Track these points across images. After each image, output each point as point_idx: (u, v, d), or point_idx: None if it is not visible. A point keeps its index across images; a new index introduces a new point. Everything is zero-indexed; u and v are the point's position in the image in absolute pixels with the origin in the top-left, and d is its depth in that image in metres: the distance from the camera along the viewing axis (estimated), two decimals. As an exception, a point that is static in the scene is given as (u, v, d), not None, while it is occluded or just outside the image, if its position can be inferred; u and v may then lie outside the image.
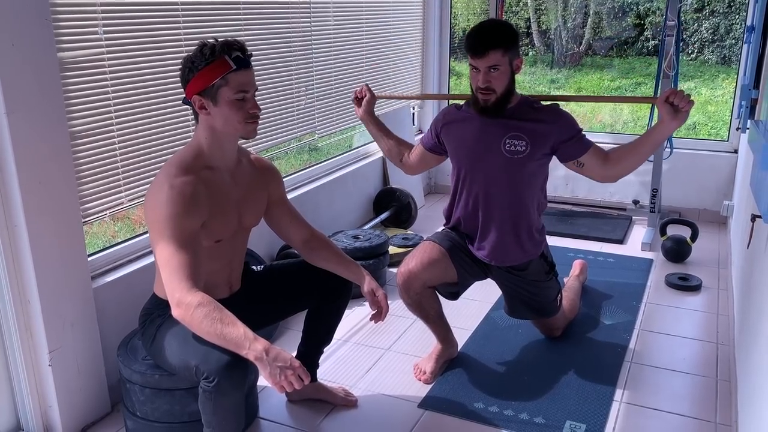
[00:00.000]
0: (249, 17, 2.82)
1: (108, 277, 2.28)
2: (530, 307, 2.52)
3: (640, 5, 11.56)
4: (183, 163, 1.78)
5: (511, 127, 2.21)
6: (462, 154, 2.34)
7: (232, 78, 1.73)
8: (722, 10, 10.50)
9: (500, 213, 2.31)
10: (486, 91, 2.15)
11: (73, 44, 2.06)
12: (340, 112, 3.65)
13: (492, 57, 2.10)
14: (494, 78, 2.13)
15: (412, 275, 2.33)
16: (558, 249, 3.67)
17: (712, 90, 9.28)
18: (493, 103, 2.18)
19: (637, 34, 11.81)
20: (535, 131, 2.20)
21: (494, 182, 2.28)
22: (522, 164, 2.23)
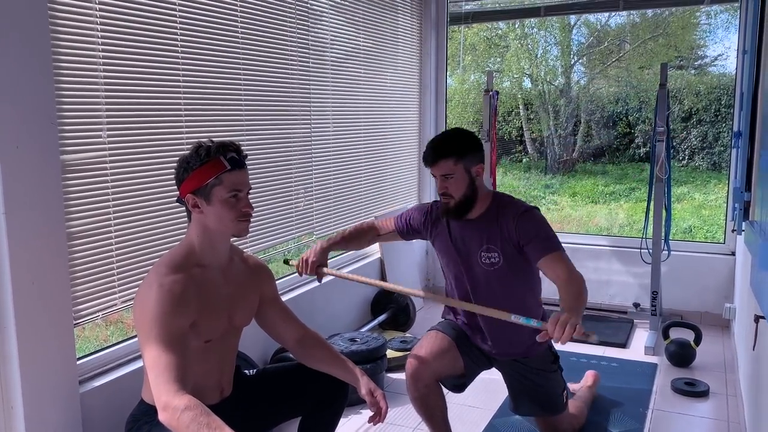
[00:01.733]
0: (250, 119, 2.91)
1: (96, 382, 2.20)
2: (535, 401, 2.44)
3: (630, 115, 12.00)
4: (173, 261, 1.77)
5: (485, 238, 2.24)
6: (446, 261, 2.38)
7: (226, 178, 1.76)
8: (709, 119, 10.88)
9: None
10: (444, 197, 2.24)
11: (76, 147, 2.10)
12: (338, 212, 3.68)
13: (443, 166, 2.19)
14: (450, 185, 2.21)
15: (423, 364, 2.29)
16: (561, 353, 3.58)
17: (704, 195, 9.45)
18: (453, 206, 2.24)
19: (628, 142, 12.19)
20: (503, 240, 2.22)
21: (482, 288, 2.31)
22: (503, 272, 2.25)
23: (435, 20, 4.56)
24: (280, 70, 3.09)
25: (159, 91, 2.40)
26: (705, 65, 12.64)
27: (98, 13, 2.14)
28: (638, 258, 3.99)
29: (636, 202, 9.54)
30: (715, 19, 12.03)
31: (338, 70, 3.60)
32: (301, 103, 3.27)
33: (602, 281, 4.34)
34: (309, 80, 3.33)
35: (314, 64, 3.37)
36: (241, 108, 2.84)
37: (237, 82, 2.80)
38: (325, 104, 3.51)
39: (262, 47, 2.95)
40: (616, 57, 12.71)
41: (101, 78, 2.17)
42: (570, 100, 12.65)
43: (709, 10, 11.29)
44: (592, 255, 4.35)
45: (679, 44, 11.96)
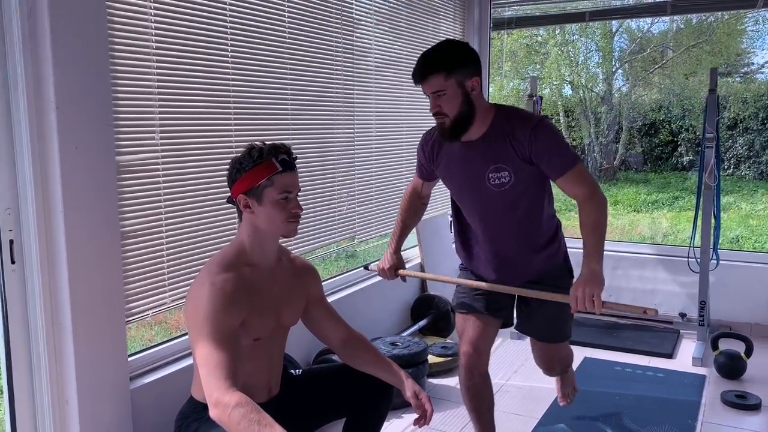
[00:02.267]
0: (296, 123, 2.94)
1: (146, 379, 2.25)
2: (547, 322, 2.35)
3: (672, 123, 11.78)
4: (225, 260, 1.81)
5: (490, 158, 2.09)
6: (452, 186, 2.26)
7: (278, 179, 1.79)
8: (756, 127, 10.61)
9: (508, 238, 2.20)
10: (438, 116, 2.07)
11: (131, 148, 2.15)
12: (379, 217, 3.69)
13: (432, 82, 2.02)
14: (443, 102, 2.03)
15: (477, 354, 2.30)
16: (604, 362, 3.54)
17: (751, 204, 9.20)
18: (449, 126, 2.06)
19: (670, 150, 11.95)
20: (515, 156, 2.07)
21: (493, 212, 2.18)
22: (514, 192, 2.12)
23: (477, 26, 4.55)
24: (325, 75, 3.12)
25: (209, 95, 2.45)
26: (752, 72, 12.33)
27: (153, 21, 2.20)
28: (685, 267, 3.90)
29: (679, 211, 9.34)
30: (764, 25, 11.74)
31: (381, 75, 3.62)
32: (345, 108, 3.30)
33: (647, 290, 4.25)
34: (353, 85, 3.35)
35: (358, 69, 3.39)
36: (288, 112, 2.88)
37: (284, 87, 2.84)
38: (369, 109, 3.53)
39: (309, 53, 2.98)
40: (659, 64, 12.50)
41: (155, 82, 2.22)
42: (611, 108, 12.47)
43: (756, 15, 11.01)
44: (637, 263, 4.27)
45: (725, 51, 11.69)
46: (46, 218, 1.91)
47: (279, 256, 1.95)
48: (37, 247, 1.91)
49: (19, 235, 1.92)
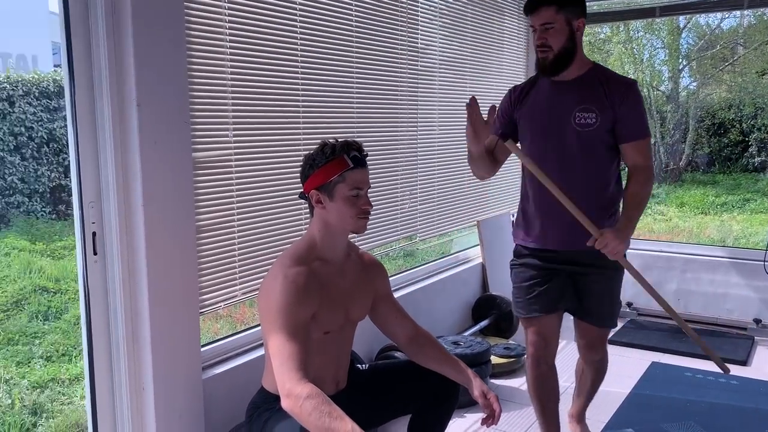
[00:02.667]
0: (361, 121, 2.96)
1: (216, 369, 2.30)
2: (600, 305, 2.34)
3: (743, 122, 11.33)
4: (297, 254, 1.84)
5: (580, 99, 2.17)
6: (535, 127, 2.26)
7: (349, 176, 1.81)
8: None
9: (580, 186, 2.19)
10: (542, 48, 2.15)
11: (206, 145, 2.21)
12: (441, 215, 3.68)
13: (543, 14, 2.11)
14: (549, 35, 2.12)
15: (545, 343, 2.35)
16: (674, 367, 3.43)
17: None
18: (551, 60, 2.15)
19: (740, 151, 11.50)
20: (604, 103, 2.16)
21: (568, 154, 2.20)
22: (594, 136, 2.17)
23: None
24: (390, 74, 3.13)
25: (279, 94, 2.50)
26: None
27: (227, 22, 2.26)
28: (760, 271, 3.75)
29: (751, 214, 8.97)
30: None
31: (445, 73, 3.61)
32: (408, 106, 3.30)
33: (718, 294, 4.10)
34: (417, 83, 3.35)
35: (422, 67, 3.39)
36: (353, 111, 2.90)
37: (350, 86, 2.86)
38: (432, 107, 3.52)
39: (375, 52, 3.00)
40: (730, 61, 12.03)
41: (228, 81, 2.27)
42: (678, 106, 12.08)
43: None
44: (708, 267, 4.12)
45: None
46: (126, 212, 1.98)
47: (348, 251, 1.98)
48: (118, 239, 1.98)
49: (101, 227, 1.99)
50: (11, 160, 7.15)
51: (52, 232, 6.92)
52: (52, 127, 7.51)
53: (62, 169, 7.63)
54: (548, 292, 2.32)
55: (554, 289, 2.33)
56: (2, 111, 7.07)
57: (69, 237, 6.79)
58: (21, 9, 12.23)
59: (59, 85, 7.62)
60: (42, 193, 7.46)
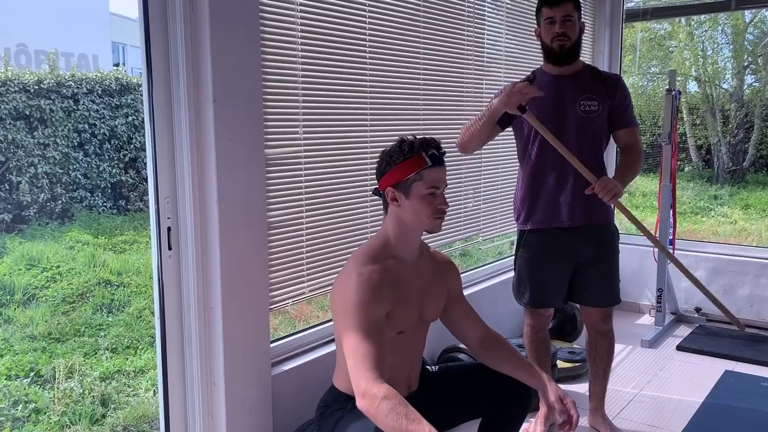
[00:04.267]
0: (427, 119, 2.92)
1: (285, 366, 2.30)
2: (604, 285, 2.54)
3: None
4: (371, 252, 1.81)
5: (582, 89, 2.44)
6: (542, 114, 2.39)
7: (427, 174, 1.77)
8: None
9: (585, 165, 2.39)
10: (562, 37, 2.39)
11: (277, 142, 2.21)
12: (504, 215, 3.61)
13: (566, 7, 2.38)
14: (568, 27, 2.39)
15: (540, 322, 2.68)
16: (749, 377, 3.29)
17: None
18: (568, 48, 2.40)
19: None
20: (602, 93, 2.45)
21: (573, 138, 2.41)
22: (596, 122, 2.44)
23: (609, 17, 4.35)
24: (455, 71, 3.09)
25: (347, 93, 2.48)
26: None
27: (299, 24, 2.25)
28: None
29: (822, 218, 8.56)
30: None
31: (510, 70, 3.53)
32: (473, 104, 3.24)
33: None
34: (482, 80, 3.29)
35: (488, 63, 3.33)
36: (419, 108, 2.87)
37: (416, 85, 2.83)
38: (497, 105, 3.46)
39: (440, 50, 2.96)
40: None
41: (299, 80, 2.27)
42: (742, 105, 11.62)
43: None
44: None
45: None
46: (201, 207, 2.00)
47: (421, 249, 1.94)
48: (193, 235, 2.00)
49: (176, 223, 2.01)
50: (75, 156, 7.39)
51: (113, 226, 7.11)
52: (113, 124, 7.73)
53: (123, 165, 7.84)
54: (550, 289, 2.59)
55: (556, 286, 2.58)
56: (67, 108, 7.31)
57: (129, 231, 6.97)
58: (82, 10, 12.63)
59: (121, 84, 7.83)
60: (103, 189, 7.69)
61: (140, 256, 6.14)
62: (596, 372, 2.70)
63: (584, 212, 2.47)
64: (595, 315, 2.61)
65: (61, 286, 5.24)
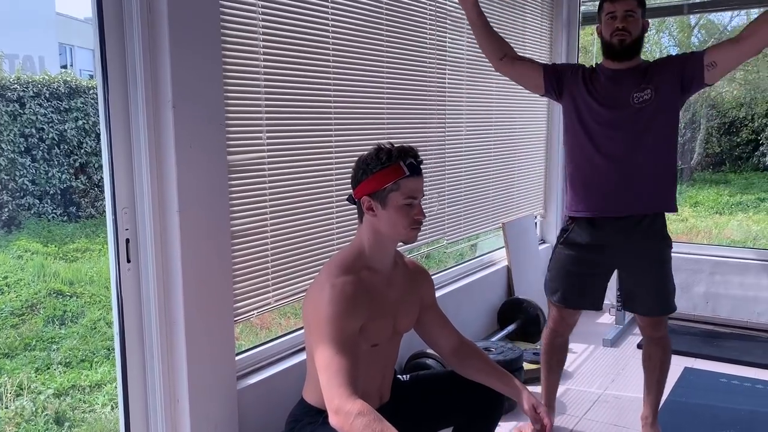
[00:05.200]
0: (391, 123, 2.89)
1: (251, 379, 2.24)
2: (654, 292, 2.47)
3: (755, 121, 11.24)
4: (344, 262, 1.76)
5: (637, 82, 2.35)
6: (588, 110, 2.41)
7: (404, 184, 1.73)
8: None
9: (637, 154, 2.37)
10: (623, 32, 2.32)
11: (240, 148, 2.14)
12: (468, 218, 3.61)
13: (629, 2, 2.32)
14: (630, 23, 2.32)
15: (564, 322, 2.61)
16: (708, 373, 3.35)
17: None
18: (628, 44, 2.33)
19: (751, 150, 11.41)
20: (653, 79, 2.35)
21: (629, 135, 2.36)
22: (648, 111, 2.34)
23: (566, 20, 4.40)
24: (419, 77, 3.06)
25: (311, 97, 2.42)
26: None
27: (261, 27, 2.19)
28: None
29: (767, 214, 8.87)
30: None
31: (472, 73, 3.54)
32: (436, 108, 3.23)
33: (748, 297, 4.01)
34: (444, 85, 3.28)
35: (450, 68, 3.32)
36: (383, 113, 2.83)
37: (380, 89, 2.79)
38: (459, 109, 3.45)
39: (404, 54, 2.93)
40: (742, 59, 11.94)
41: (262, 83, 2.21)
42: (689, 105, 11.97)
43: None
44: (738, 269, 4.04)
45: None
46: (161, 217, 1.92)
47: (395, 259, 1.90)
48: (153, 246, 1.92)
49: (135, 234, 1.93)
50: (22, 162, 7.11)
51: (64, 234, 6.88)
52: (62, 128, 7.47)
53: (73, 170, 7.59)
54: (587, 290, 2.53)
55: (594, 288, 2.54)
56: (13, 112, 7.03)
57: (81, 239, 6.74)
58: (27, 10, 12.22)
59: (70, 87, 7.58)
60: (53, 195, 7.42)
61: (93, 265, 5.95)
62: (650, 381, 2.65)
63: (630, 196, 2.40)
64: (644, 320, 2.57)
65: (8, 298, 5.03)
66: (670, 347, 2.64)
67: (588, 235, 2.49)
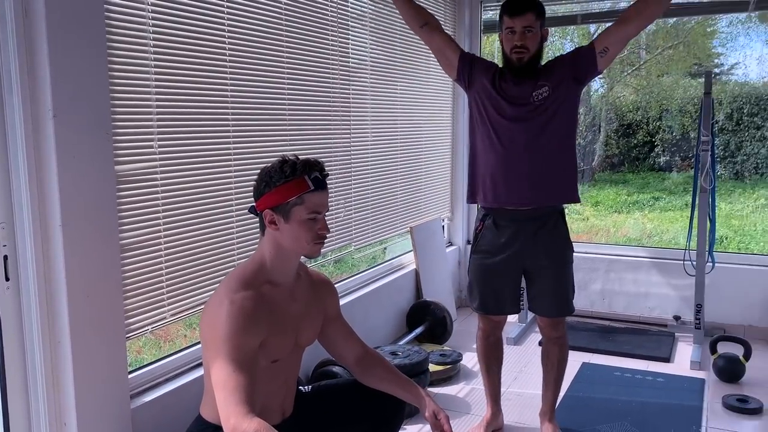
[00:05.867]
0: (294, 130, 2.86)
1: (146, 397, 2.15)
2: (554, 295, 2.58)
3: (649, 123, 11.90)
4: (245, 277, 1.72)
5: (537, 81, 2.42)
6: (487, 109, 2.49)
7: (308, 198, 1.71)
8: (731, 128, 10.75)
9: (539, 151, 2.44)
10: (521, 49, 2.37)
11: (129, 158, 2.06)
12: (375, 223, 3.63)
13: (528, 17, 2.35)
14: (528, 39, 2.36)
15: (494, 324, 2.73)
16: (603, 367, 3.52)
17: (730, 204, 9.31)
18: (526, 61, 2.39)
19: (647, 151, 12.07)
20: (557, 75, 2.43)
21: (530, 124, 2.43)
22: (548, 104, 2.42)
23: (468, 28, 4.51)
24: (321, 82, 3.05)
25: (207, 104, 2.36)
26: (723, 74, 12.51)
27: (151, 26, 2.11)
28: (679, 270, 3.90)
29: (661, 212, 9.41)
30: (736, 28, 11.92)
31: (376, 80, 3.56)
32: (341, 115, 3.23)
33: (641, 293, 4.25)
34: (348, 90, 3.28)
35: (354, 73, 3.32)
36: (285, 119, 2.80)
37: (281, 94, 2.76)
38: (365, 116, 3.46)
39: (305, 59, 2.91)
40: (636, 66, 12.63)
41: (153, 89, 2.13)
42: (590, 109, 12.55)
43: (731, 17, 11.15)
44: (631, 266, 4.27)
45: (699, 53, 11.86)
46: (43, 232, 1.81)
47: (298, 272, 1.87)
48: (34, 262, 1.81)
49: (14, 250, 1.81)
50: None
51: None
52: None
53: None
54: (502, 296, 2.64)
55: (508, 293, 2.64)
56: None
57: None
58: None
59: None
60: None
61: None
62: (548, 378, 2.76)
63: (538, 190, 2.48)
64: (544, 320, 2.67)
65: None
66: (567, 346, 2.76)
67: (496, 240, 2.57)
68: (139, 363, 2.32)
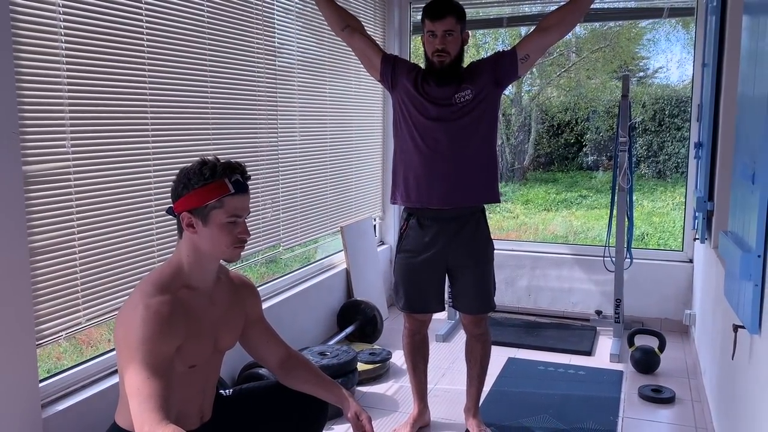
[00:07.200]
0: (218, 129, 2.82)
1: (59, 405, 2.07)
2: (476, 292, 2.63)
3: (578, 124, 12.28)
4: (161, 281, 1.67)
5: (459, 84, 2.46)
6: (411, 108, 2.51)
7: (228, 201, 1.67)
8: (653, 129, 11.22)
9: (462, 151, 2.49)
10: (442, 53, 2.41)
11: (39, 158, 1.98)
12: (304, 223, 3.61)
13: (448, 21, 2.37)
14: (449, 42, 2.40)
15: (420, 323, 2.76)
16: (528, 362, 3.62)
17: (652, 202, 9.72)
18: (448, 65, 2.43)
19: (576, 150, 12.46)
20: (480, 78, 2.47)
21: (447, 126, 2.47)
22: (471, 107, 2.46)
23: (398, 28, 4.54)
24: (246, 80, 3.01)
25: (124, 101, 2.30)
26: (647, 77, 13.05)
27: (62, 20, 2.03)
28: (599, 266, 4.05)
29: (587, 210, 9.74)
30: (659, 32, 12.44)
31: (304, 79, 3.54)
32: (268, 113, 3.20)
33: (564, 289, 4.39)
34: (275, 89, 3.25)
35: (280, 72, 3.30)
36: (209, 118, 2.75)
37: (204, 91, 2.71)
38: (293, 115, 3.44)
39: (229, 57, 2.86)
40: (565, 68, 13.01)
41: (65, 85, 2.05)
42: (521, 110, 12.86)
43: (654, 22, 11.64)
44: (555, 263, 4.40)
45: (624, 56, 12.31)
46: (-58, 236, 1.72)
47: (218, 275, 1.84)
48: (-68, 268, 1.72)
49: None
50: None
51: None
52: None
53: None
54: (427, 295, 2.67)
55: (433, 292, 2.68)
56: None
57: None
58: None
59: None
60: None
61: None
62: (471, 374, 2.81)
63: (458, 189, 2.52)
64: (467, 318, 2.71)
65: None
66: (490, 342, 2.82)
67: (420, 239, 2.60)
68: (58, 369, 2.23)
